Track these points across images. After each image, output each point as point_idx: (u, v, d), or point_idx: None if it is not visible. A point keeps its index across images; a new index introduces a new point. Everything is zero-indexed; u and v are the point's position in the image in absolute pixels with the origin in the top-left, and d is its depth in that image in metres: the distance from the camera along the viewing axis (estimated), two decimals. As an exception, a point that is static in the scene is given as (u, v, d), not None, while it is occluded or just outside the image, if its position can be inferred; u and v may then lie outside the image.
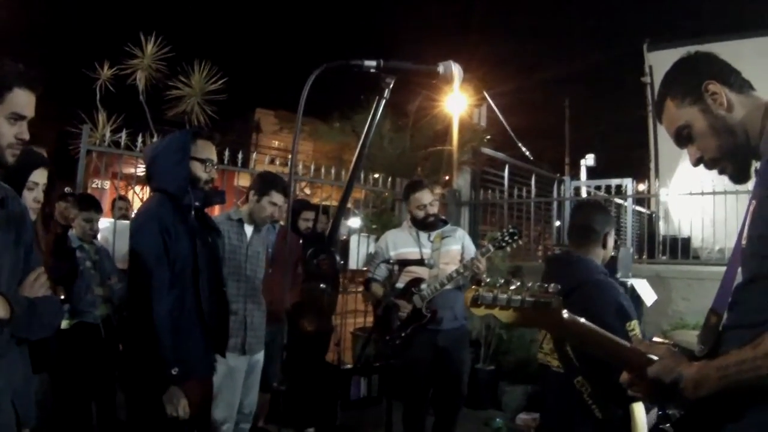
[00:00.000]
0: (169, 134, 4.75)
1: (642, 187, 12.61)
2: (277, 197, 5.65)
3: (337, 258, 2.27)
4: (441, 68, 2.37)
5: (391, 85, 2.33)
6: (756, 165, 2.34)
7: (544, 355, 4.33)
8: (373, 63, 2.29)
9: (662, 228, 12.70)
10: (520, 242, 6.36)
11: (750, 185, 2.35)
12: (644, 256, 12.10)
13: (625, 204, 13.76)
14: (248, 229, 5.75)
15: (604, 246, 4.26)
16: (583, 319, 2.29)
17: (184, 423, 4.07)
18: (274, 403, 7.14)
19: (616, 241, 4.52)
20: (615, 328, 3.77)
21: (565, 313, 2.20)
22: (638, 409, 3.86)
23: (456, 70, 2.38)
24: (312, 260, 2.02)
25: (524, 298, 2.14)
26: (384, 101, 2.32)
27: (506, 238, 6.17)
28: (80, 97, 10.40)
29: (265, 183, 5.74)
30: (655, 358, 2.22)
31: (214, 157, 4.62)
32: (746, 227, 2.24)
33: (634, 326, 3.87)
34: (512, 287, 2.16)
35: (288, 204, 5.26)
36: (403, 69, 2.35)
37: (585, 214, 4.52)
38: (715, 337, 2.31)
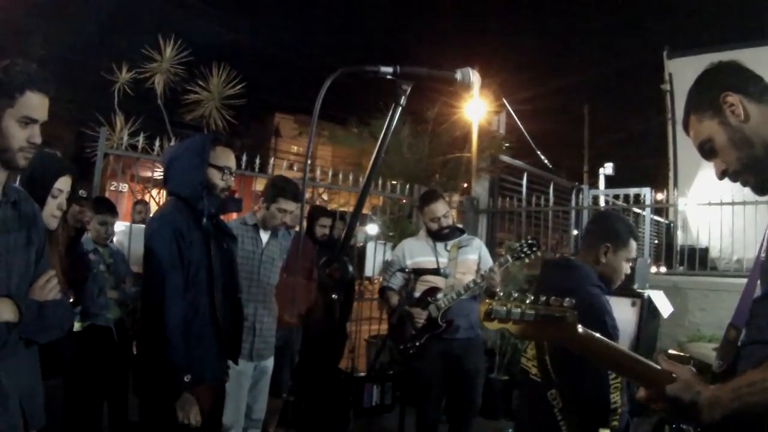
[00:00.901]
0: (188, 138, 4.73)
1: (660, 196, 12.53)
2: (286, 204, 5.63)
3: (350, 268, 2.22)
4: (459, 75, 2.33)
5: (408, 92, 2.29)
6: None
7: (526, 360, 4.27)
8: (390, 69, 2.26)
9: (680, 238, 12.62)
10: (539, 253, 6.31)
11: (769, 196, 2.31)
12: (661, 267, 12.02)
13: (644, 213, 13.69)
14: (264, 235, 5.76)
15: (597, 261, 4.14)
16: (598, 334, 2.25)
17: (196, 430, 4.04)
18: (285, 409, 7.11)
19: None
20: None
21: (580, 328, 2.16)
22: None
23: (474, 77, 2.34)
24: (324, 269, 1.98)
25: (538, 312, 2.11)
26: (400, 108, 2.29)
27: (525, 249, 6.14)
28: (99, 99, 10.44)
29: (273, 190, 5.73)
30: (676, 376, 2.18)
31: (233, 165, 4.58)
32: (765, 240, 2.20)
33: None
34: (527, 301, 2.12)
35: (301, 209, 5.24)
36: (420, 75, 2.32)
37: (594, 223, 4.58)
38: (734, 353, 2.27)
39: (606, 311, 3.90)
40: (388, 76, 2.26)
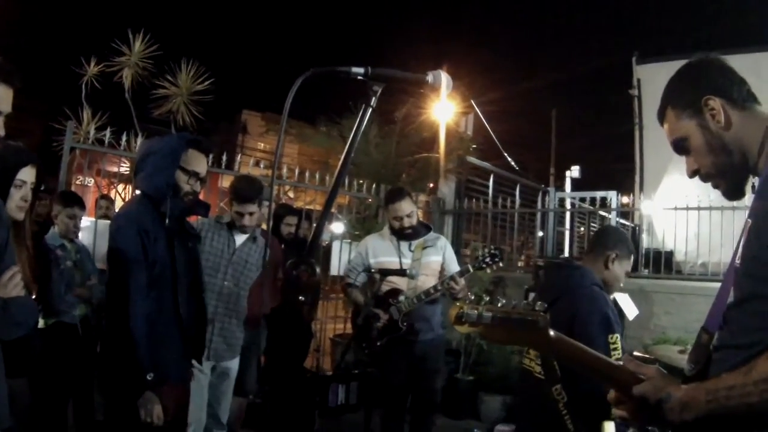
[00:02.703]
0: (167, 135, 4.68)
1: (626, 200, 12.61)
2: (240, 207, 5.58)
3: (318, 269, 2.22)
4: (430, 77, 2.32)
5: (378, 93, 2.28)
6: (753, 181, 2.29)
7: (529, 360, 4.35)
8: (361, 70, 2.24)
9: (645, 241, 12.70)
10: (501, 264, 6.35)
11: (735, 202, 2.32)
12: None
13: (609, 216, 13.78)
14: (239, 237, 5.70)
15: (606, 266, 4.34)
16: (569, 339, 2.25)
17: (159, 429, 4.02)
18: (250, 410, 7.09)
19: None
20: (597, 337, 3.83)
21: (552, 332, 2.16)
22: (609, 427, 3.85)
23: (445, 79, 2.33)
24: (291, 271, 1.96)
25: (510, 316, 2.09)
26: (371, 109, 2.28)
27: (487, 259, 6.16)
28: (67, 93, 10.36)
29: (230, 193, 5.71)
30: (644, 377, 2.18)
31: (203, 172, 4.52)
32: (741, 246, 2.21)
33: (616, 340, 3.91)
34: (498, 305, 2.12)
35: (269, 208, 5.20)
36: (391, 77, 2.30)
37: (602, 233, 4.91)
38: (706, 357, 2.26)
39: (607, 305, 4.06)
40: (359, 77, 2.25)
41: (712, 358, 2.24)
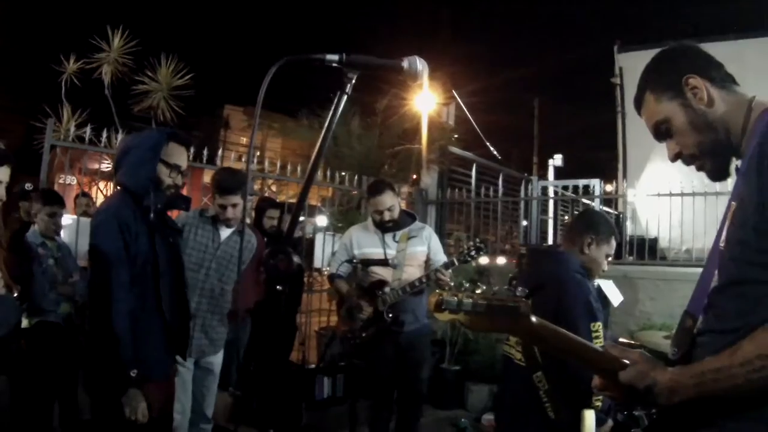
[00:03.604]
0: (146, 130, 4.68)
1: (610, 187, 12.62)
2: (221, 199, 5.53)
3: (295, 258, 2.20)
4: (405, 63, 2.29)
5: (354, 80, 2.26)
6: (737, 163, 2.30)
7: (509, 347, 4.36)
8: (336, 57, 2.22)
9: (629, 228, 12.73)
10: (486, 258, 6.37)
11: (718, 187, 2.32)
12: (611, 257, 12.11)
13: (593, 204, 13.80)
14: (224, 231, 5.66)
15: (583, 251, 4.32)
16: (552, 325, 2.24)
17: (144, 426, 4.00)
18: (237, 403, 7.08)
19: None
20: (580, 325, 3.84)
21: (534, 318, 2.15)
22: (589, 416, 3.87)
23: (421, 65, 2.31)
24: (268, 261, 1.95)
25: (491, 303, 2.07)
26: (345, 96, 2.26)
27: (472, 252, 6.16)
28: (47, 90, 10.31)
29: (212, 186, 5.68)
30: (629, 362, 2.18)
31: (184, 165, 4.50)
32: (725, 229, 2.20)
33: (598, 328, 3.92)
34: (478, 291, 2.11)
35: (244, 201, 5.18)
36: (367, 63, 2.27)
37: (579, 217, 4.89)
38: (690, 341, 2.26)
39: (590, 293, 4.07)
40: (334, 64, 2.22)
41: (696, 341, 2.24)
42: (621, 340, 7.10)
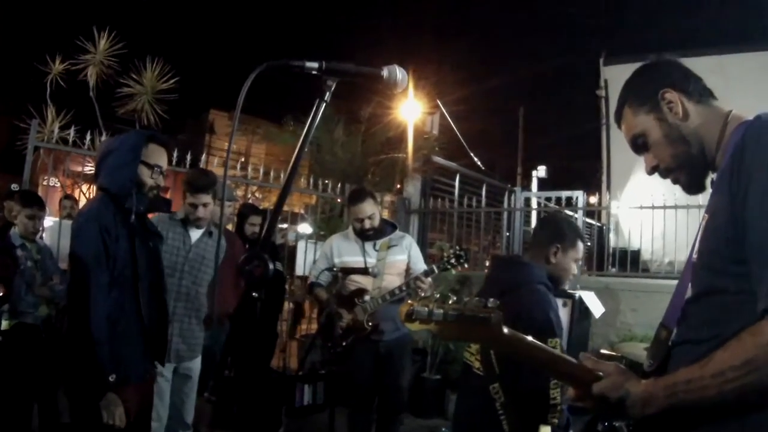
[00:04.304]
0: (125, 133, 4.68)
1: (593, 199, 12.68)
2: (193, 197, 5.54)
3: (271, 264, 2.19)
4: (385, 72, 2.29)
5: (333, 88, 2.27)
6: (712, 176, 2.31)
7: (470, 354, 4.28)
8: (315, 64, 2.21)
9: (612, 240, 12.80)
10: (466, 265, 6.35)
11: (701, 199, 2.33)
12: (594, 268, 12.15)
13: (576, 216, 13.84)
14: (194, 233, 5.64)
15: (548, 261, 4.22)
16: (523, 336, 2.24)
17: (122, 430, 3.99)
18: (217, 409, 7.06)
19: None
20: (536, 340, 3.78)
21: (505, 329, 2.14)
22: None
23: (401, 74, 2.31)
24: (244, 267, 1.95)
25: (462, 313, 2.07)
26: (324, 104, 2.26)
27: (452, 260, 6.15)
28: (31, 90, 10.29)
29: (184, 184, 5.65)
30: (602, 374, 2.18)
31: (164, 165, 4.49)
32: (698, 241, 2.22)
33: (556, 344, 3.80)
34: (449, 302, 2.11)
35: (221, 206, 5.18)
36: (346, 71, 2.27)
37: (543, 224, 4.65)
38: (665, 352, 2.28)
39: (551, 308, 3.94)
40: (314, 72, 2.23)
41: (671, 353, 2.25)
42: (602, 351, 7.11)
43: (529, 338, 2.24)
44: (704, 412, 1.97)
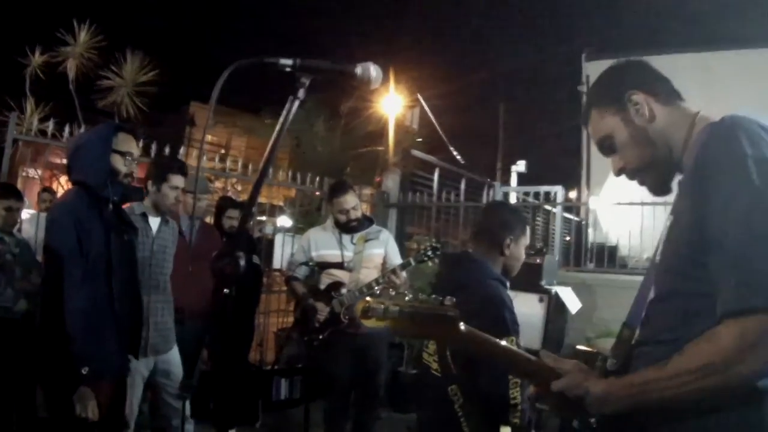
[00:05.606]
0: (93, 127, 4.71)
1: (572, 195, 12.70)
2: (176, 179, 5.45)
3: (242, 261, 2.19)
4: (359, 69, 2.30)
5: (307, 85, 2.27)
6: (679, 177, 2.32)
7: (428, 355, 4.20)
8: (289, 62, 2.22)
9: (591, 236, 12.80)
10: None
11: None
12: (571, 264, 12.17)
13: (555, 211, 13.87)
14: (154, 222, 5.52)
15: (502, 253, 4.10)
16: (481, 333, 2.25)
17: (95, 424, 4.00)
18: (194, 402, 7.06)
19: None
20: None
21: (463, 326, 2.16)
22: None
23: (375, 72, 2.31)
24: (215, 264, 1.95)
25: (418, 310, 2.09)
26: (298, 101, 2.27)
27: (428, 253, 6.17)
28: (10, 82, 10.24)
29: (160, 168, 5.55)
30: (562, 372, 2.21)
31: (135, 151, 4.54)
32: (661, 242, 2.24)
33: (512, 342, 3.70)
34: (406, 299, 2.11)
35: (194, 199, 5.18)
36: (320, 68, 2.28)
37: (489, 215, 4.44)
38: (627, 352, 2.28)
39: (505, 305, 3.85)
40: (287, 69, 2.24)
41: (633, 353, 2.27)
42: (579, 347, 7.11)
43: (487, 336, 2.26)
44: (664, 412, 2.00)
